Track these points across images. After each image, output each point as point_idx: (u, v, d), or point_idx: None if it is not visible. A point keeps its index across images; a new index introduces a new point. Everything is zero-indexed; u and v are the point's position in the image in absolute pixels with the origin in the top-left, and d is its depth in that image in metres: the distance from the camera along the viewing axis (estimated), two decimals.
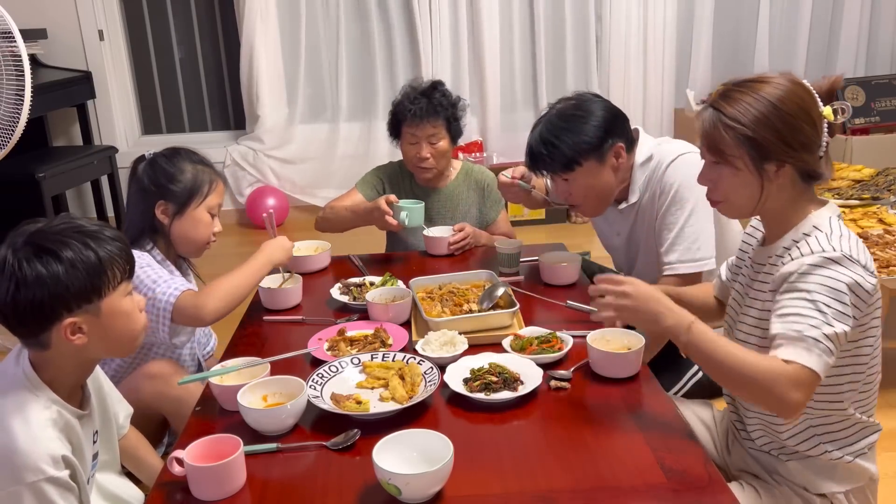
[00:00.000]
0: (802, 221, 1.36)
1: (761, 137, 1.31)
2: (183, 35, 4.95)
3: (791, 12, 4.77)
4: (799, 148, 1.32)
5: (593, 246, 2.43)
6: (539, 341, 1.61)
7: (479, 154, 4.70)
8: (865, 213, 2.89)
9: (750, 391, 1.29)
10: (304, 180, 4.87)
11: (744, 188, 1.36)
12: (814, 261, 1.27)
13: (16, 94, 2.47)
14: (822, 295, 1.25)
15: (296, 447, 1.33)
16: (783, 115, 1.30)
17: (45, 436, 1.22)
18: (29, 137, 2.74)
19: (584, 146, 1.85)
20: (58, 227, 1.26)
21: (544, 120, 1.91)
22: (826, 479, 1.41)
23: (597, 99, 1.92)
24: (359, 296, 1.92)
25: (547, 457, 1.27)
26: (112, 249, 1.28)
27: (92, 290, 1.25)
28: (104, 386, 1.48)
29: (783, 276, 1.31)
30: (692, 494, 1.16)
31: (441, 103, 2.38)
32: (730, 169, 1.36)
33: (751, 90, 1.33)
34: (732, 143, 1.33)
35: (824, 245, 1.29)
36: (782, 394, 1.22)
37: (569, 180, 1.90)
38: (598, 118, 1.86)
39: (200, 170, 1.88)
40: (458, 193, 2.51)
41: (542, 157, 1.88)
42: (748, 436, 1.50)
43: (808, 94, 1.34)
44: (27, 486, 1.18)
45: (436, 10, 4.60)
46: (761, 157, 1.32)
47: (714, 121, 1.35)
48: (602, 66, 4.76)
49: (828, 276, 1.26)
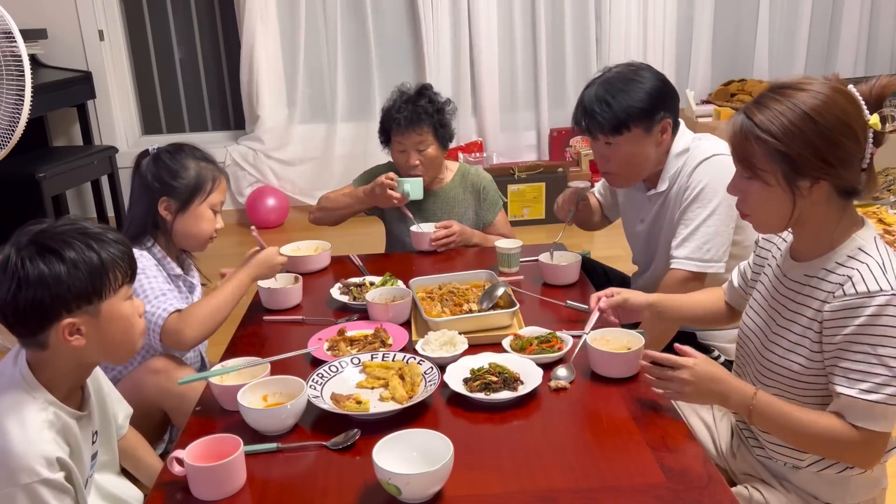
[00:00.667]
0: (846, 241, 1.28)
1: (795, 153, 1.21)
2: (183, 35, 4.95)
3: (791, 12, 4.77)
4: (837, 164, 1.22)
5: (593, 246, 2.43)
6: (539, 341, 1.61)
7: (479, 154, 4.70)
8: (865, 213, 2.89)
9: (824, 454, 1.34)
10: (303, 180, 4.87)
11: (774, 204, 1.28)
12: (875, 311, 1.20)
13: (16, 94, 2.46)
14: (888, 347, 1.20)
15: (296, 447, 1.33)
16: (820, 129, 1.20)
17: (41, 437, 1.21)
18: (29, 137, 2.73)
19: (637, 112, 1.84)
20: (62, 227, 1.27)
21: (601, 80, 1.89)
22: (839, 492, 1.39)
23: (654, 70, 1.92)
24: (359, 296, 1.92)
25: (547, 457, 1.27)
26: (115, 252, 1.28)
27: (93, 291, 1.25)
28: (104, 386, 1.48)
29: (837, 318, 1.24)
30: (692, 494, 1.16)
31: (426, 110, 2.35)
32: (760, 184, 1.27)
33: (787, 98, 1.23)
34: (763, 157, 1.24)
35: (882, 283, 1.21)
36: (856, 457, 1.29)
37: (612, 144, 1.89)
38: (655, 88, 1.86)
39: (204, 167, 1.89)
40: (454, 196, 2.51)
41: (595, 115, 1.85)
42: (758, 444, 1.47)
43: (850, 103, 1.23)
44: (21, 487, 1.17)
45: (436, 11, 4.60)
46: (794, 173, 1.23)
47: (745, 130, 1.26)
48: (602, 65, 4.73)
49: (891, 326, 1.20)
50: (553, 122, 4.86)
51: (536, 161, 4.76)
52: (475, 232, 2.44)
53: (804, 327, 1.32)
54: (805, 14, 4.73)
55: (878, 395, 1.21)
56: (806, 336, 1.31)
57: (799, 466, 1.40)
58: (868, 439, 1.25)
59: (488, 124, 4.80)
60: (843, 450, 1.28)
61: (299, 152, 4.87)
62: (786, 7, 4.77)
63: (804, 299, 1.33)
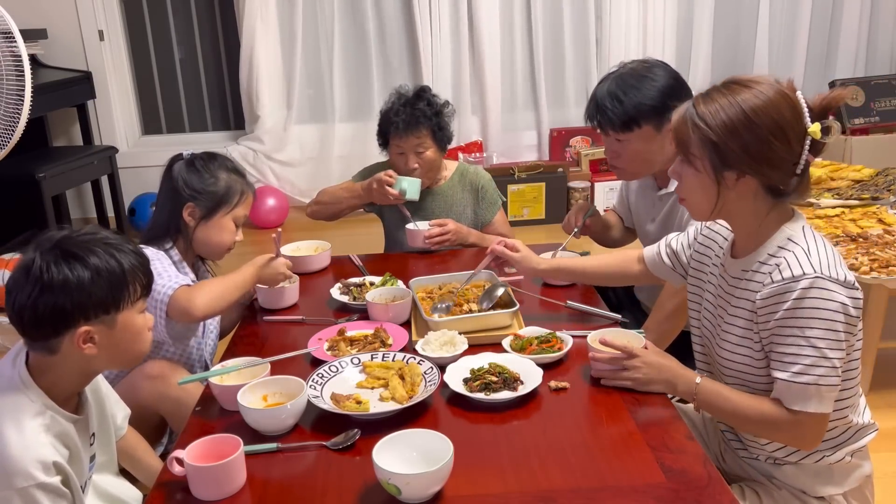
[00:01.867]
0: (775, 234, 1.34)
1: (724, 144, 1.27)
2: (183, 35, 4.95)
3: (791, 13, 4.77)
4: (763, 163, 1.28)
5: (593, 246, 2.42)
6: (539, 341, 1.61)
7: (479, 154, 4.69)
8: (865, 213, 2.89)
9: (766, 437, 1.39)
10: (303, 180, 4.87)
11: (701, 190, 1.35)
12: (799, 294, 1.26)
13: (16, 94, 2.46)
14: (816, 329, 1.25)
15: (296, 447, 1.33)
16: (753, 127, 1.26)
17: (37, 441, 1.21)
18: (29, 137, 2.73)
19: (647, 109, 1.84)
20: (84, 235, 1.28)
21: (615, 75, 1.90)
22: (823, 483, 1.41)
23: (669, 67, 1.91)
24: (359, 296, 1.92)
25: (547, 457, 1.27)
26: (134, 262, 1.29)
27: (112, 301, 1.26)
28: (102, 387, 1.48)
29: (767, 305, 1.30)
30: (692, 494, 1.16)
31: (424, 113, 2.34)
32: (692, 170, 1.34)
33: (731, 93, 1.29)
34: (696, 144, 1.31)
35: (805, 267, 1.27)
36: (796, 437, 1.33)
37: (622, 141, 1.89)
38: (668, 86, 1.86)
39: (235, 179, 1.92)
40: (453, 195, 2.50)
41: (607, 110, 1.86)
42: (740, 446, 1.50)
43: (791, 108, 1.27)
44: (17, 491, 1.17)
45: (436, 11, 4.60)
46: (721, 164, 1.29)
47: (685, 116, 1.33)
48: (602, 66, 4.75)
49: (816, 308, 1.25)
50: (553, 122, 4.86)
51: (536, 161, 4.76)
52: (472, 231, 2.43)
53: (746, 321, 1.37)
54: (805, 14, 4.73)
55: (809, 377, 1.26)
56: (750, 329, 1.36)
57: (778, 458, 1.41)
58: (801, 420, 1.29)
59: (489, 124, 4.80)
60: (777, 431, 1.34)
61: (299, 152, 4.87)
62: (786, 7, 4.77)
63: (742, 293, 1.38)
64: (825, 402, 1.28)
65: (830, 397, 1.28)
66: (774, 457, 1.43)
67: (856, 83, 4.39)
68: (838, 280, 1.26)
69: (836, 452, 1.39)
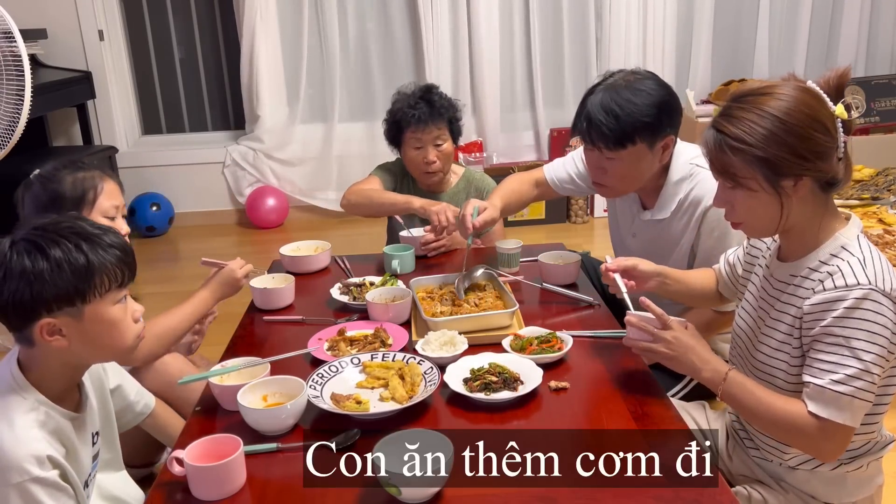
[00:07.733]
0: (829, 240, 1.31)
1: (773, 155, 1.24)
2: (183, 35, 4.95)
3: (791, 12, 4.77)
4: (814, 158, 1.24)
5: (593, 246, 2.43)
6: (539, 341, 1.61)
7: (479, 154, 4.69)
8: (865, 213, 2.89)
9: (785, 440, 1.35)
10: (303, 180, 4.87)
11: (763, 209, 1.30)
12: (852, 303, 1.22)
13: (16, 94, 2.46)
14: (862, 341, 1.22)
15: (296, 447, 1.33)
16: (792, 128, 1.23)
17: (30, 436, 1.20)
18: (29, 137, 2.73)
19: (643, 126, 1.75)
20: (60, 225, 1.24)
21: (604, 87, 1.79)
22: (835, 490, 1.40)
23: (659, 79, 1.82)
24: (359, 296, 1.92)
25: (547, 457, 1.27)
26: (107, 256, 1.23)
27: (75, 293, 1.21)
28: (107, 384, 1.47)
29: (816, 311, 1.26)
30: (692, 494, 1.16)
31: (442, 105, 2.40)
32: (745, 191, 1.29)
33: (754, 106, 1.26)
34: (742, 166, 1.26)
35: (860, 277, 1.23)
36: (817, 446, 1.28)
37: (612, 158, 1.79)
38: (663, 101, 1.77)
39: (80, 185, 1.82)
40: (459, 200, 2.50)
41: (601, 125, 1.74)
42: (753, 445, 1.48)
43: (815, 98, 1.26)
44: (13, 486, 1.16)
45: (436, 11, 4.60)
46: (776, 175, 1.25)
47: (719, 143, 1.28)
48: (601, 66, 4.75)
49: (866, 320, 1.22)
50: (553, 122, 4.86)
51: (536, 161, 4.76)
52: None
53: (789, 325, 1.34)
54: (805, 14, 4.73)
55: (847, 388, 1.22)
56: (791, 335, 1.33)
57: (792, 465, 1.40)
58: (826, 429, 1.25)
59: (488, 124, 4.79)
60: (799, 436, 1.29)
61: (299, 152, 4.86)
62: (786, 7, 4.77)
63: (789, 298, 1.35)
64: (856, 416, 1.24)
65: (861, 413, 1.25)
66: (790, 464, 1.41)
67: (856, 83, 4.39)
68: (891, 296, 1.23)
69: (852, 462, 1.38)
